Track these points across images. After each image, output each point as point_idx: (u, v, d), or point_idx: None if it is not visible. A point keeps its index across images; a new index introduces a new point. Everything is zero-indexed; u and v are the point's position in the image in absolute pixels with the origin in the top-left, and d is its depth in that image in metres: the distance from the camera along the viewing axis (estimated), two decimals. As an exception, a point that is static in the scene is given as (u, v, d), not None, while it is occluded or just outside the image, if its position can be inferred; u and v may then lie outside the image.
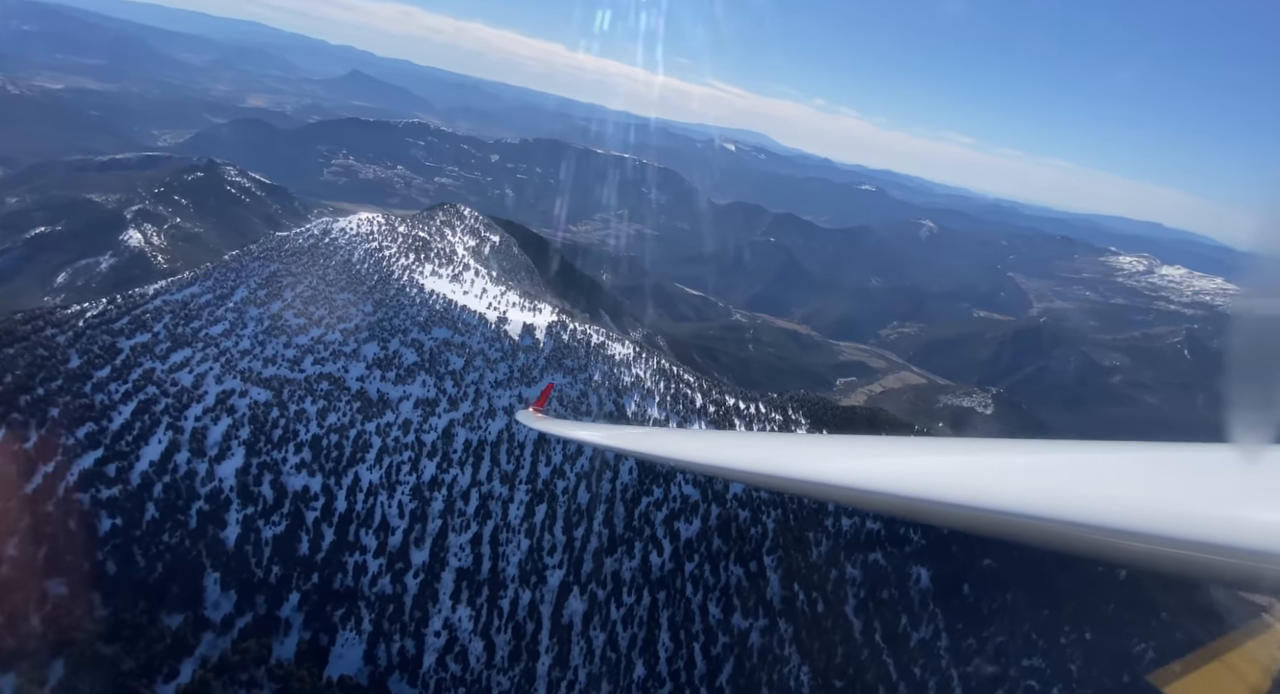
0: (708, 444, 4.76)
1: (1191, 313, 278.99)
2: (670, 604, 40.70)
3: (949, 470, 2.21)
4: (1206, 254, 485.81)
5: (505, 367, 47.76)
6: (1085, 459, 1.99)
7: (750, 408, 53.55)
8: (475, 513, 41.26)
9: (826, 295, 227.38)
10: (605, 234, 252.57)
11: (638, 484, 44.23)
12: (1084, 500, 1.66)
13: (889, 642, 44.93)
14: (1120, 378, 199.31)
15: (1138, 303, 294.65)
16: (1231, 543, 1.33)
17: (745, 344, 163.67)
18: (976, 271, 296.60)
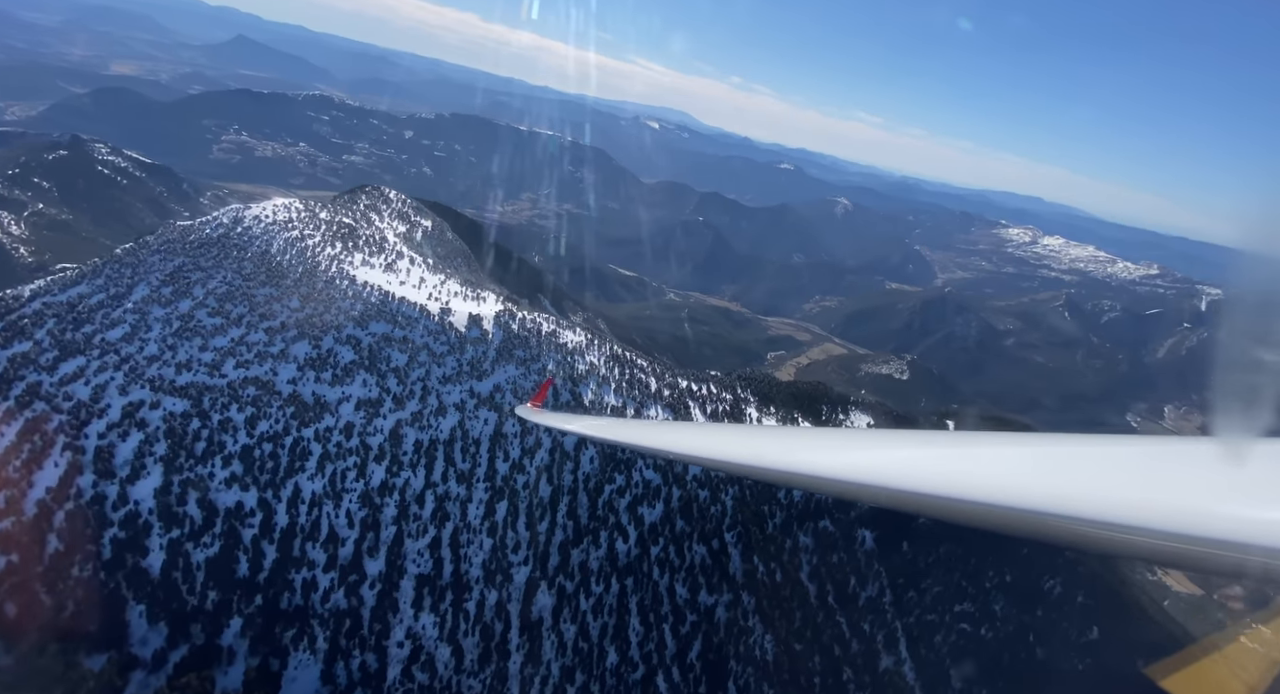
0: (707, 438, 4.77)
1: (1070, 278, 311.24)
2: (639, 589, 41.08)
3: (939, 463, 2.26)
4: (1080, 225, 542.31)
5: (453, 361, 45.54)
6: (1071, 452, 2.05)
7: (702, 389, 54.37)
8: (432, 516, 39.51)
9: (754, 273, 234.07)
10: (534, 214, 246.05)
11: (600, 473, 43.94)
12: (1070, 493, 1.73)
13: (841, 602, 47.80)
14: (1013, 340, 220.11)
15: (1025, 271, 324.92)
16: (1214, 536, 1.39)
17: (681, 323, 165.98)
18: (887, 246, 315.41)
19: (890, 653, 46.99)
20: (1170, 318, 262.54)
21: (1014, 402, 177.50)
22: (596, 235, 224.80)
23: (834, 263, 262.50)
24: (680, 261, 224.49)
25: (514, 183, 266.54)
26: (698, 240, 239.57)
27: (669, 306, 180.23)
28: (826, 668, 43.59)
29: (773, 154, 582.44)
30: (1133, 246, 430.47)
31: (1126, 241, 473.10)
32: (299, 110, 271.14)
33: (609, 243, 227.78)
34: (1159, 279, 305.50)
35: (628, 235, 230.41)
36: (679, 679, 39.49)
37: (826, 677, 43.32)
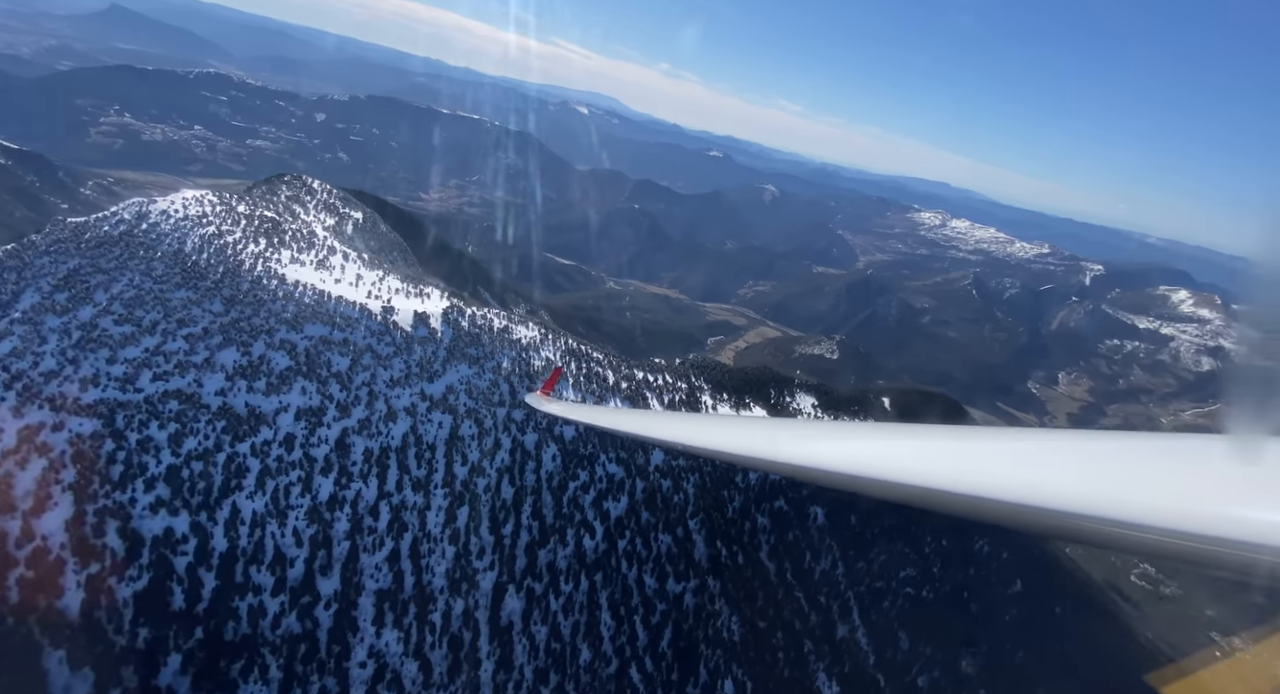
0: (717, 430, 4.77)
1: (975, 258, 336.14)
2: (608, 583, 41.08)
3: (948, 459, 2.25)
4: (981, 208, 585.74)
5: (400, 362, 43.16)
6: (1083, 447, 2.07)
7: (658, 379, 54.61)
8: (389, 528, 37.61)
9: (690, 260, 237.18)
10: (463, 202, 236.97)
11: (563, 471, 43.32)
12: (1081, 489, 1.73)
13: (798, 577, 49.93)
14: (929, 318, 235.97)
15: (936, 252, 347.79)
16: (1223, 536, 1.39)
17: (623, 312, 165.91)
18: (812, 231, 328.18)
19: (845, 622, 49.68)
20: (1060, 293, 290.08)
21: (932, 375, 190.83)
22: (532, 224, 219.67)
23: (765, 248, 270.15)
24: (618, 250, 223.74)
25: (441, 170, 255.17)
26: (634, 228, 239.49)
27: (610, 295, 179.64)
28: (789, 642, 45.51)
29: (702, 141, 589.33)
30: (1026, 227, 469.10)
31: (1021, 223, 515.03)
32: (191, 89, 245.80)
33: (545, 231, 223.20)
34: (1050, 257, 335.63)
35: (564, 223, 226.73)
36: (652, 669, 40.00)
37: (789, 650, 45.24)
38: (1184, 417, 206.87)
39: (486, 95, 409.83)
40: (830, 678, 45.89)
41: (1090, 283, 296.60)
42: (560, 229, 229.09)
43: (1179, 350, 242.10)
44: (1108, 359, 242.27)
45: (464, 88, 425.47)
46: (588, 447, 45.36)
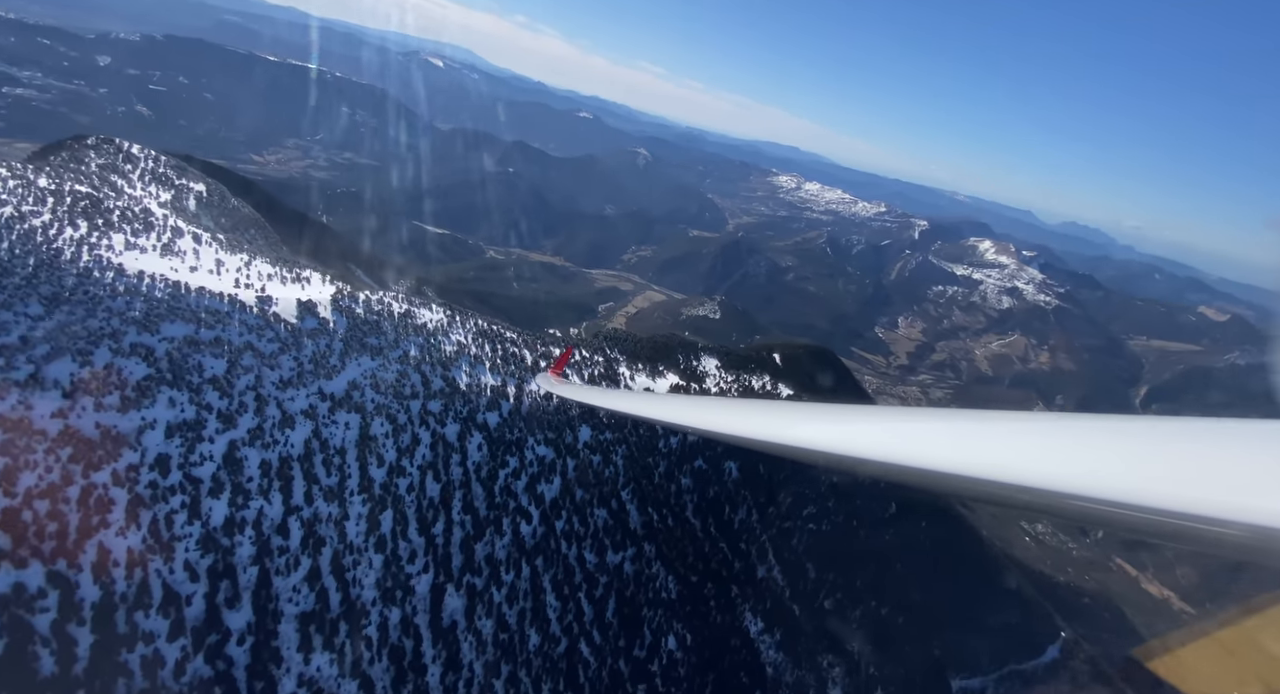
0: (733, 414, 4.83)
1: (827, 218, 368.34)
2: (549, 566, 40.86)
3: (984, 444, 2.22)
4: (829, 171, 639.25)
5: (289, 360, 37.91)
6: (1113, 430, 2.03)
7: (575, 354, 53.75)
8: (303, 545, 33.88)
9: (571, 226, 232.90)
10: (307, 165, 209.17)
11: (491, 460, 41.59)
12: (1131, 477, 1.68)
13: (720, 530, 53.38)
14: (792, 275, 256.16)
15: (794, 214, 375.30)
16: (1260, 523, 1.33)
17: (509, 282, 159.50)
18: (684, 195, 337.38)
19: (763, 563, 54.32)
20: (896, 247, 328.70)
21: (798, 327, 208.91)
22: (394, 190, 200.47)
23: (642, 213, 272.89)
24: (495, 217, 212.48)
25: (273, 127, 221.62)
26: (510, 193, 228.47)
27: (492, 266, 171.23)
28: (719, 590, 48.86)
29: (569, 101, 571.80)
30: (866, 188, 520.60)
31: (861, 184, 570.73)
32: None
33: (411, 198, 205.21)
34: (887, 216, 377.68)
35: (432, 189, 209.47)
36: (600, 640, 40.94)
37: (719, 598, 48.64)
38: (992, 347, 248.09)
39: (318, 41, 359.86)
40: (755, 616, 50.27)
41: (919, 237, 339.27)
42: (428, 195, 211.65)
43: (986, 292, 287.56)
44: (934, 303, 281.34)
45: (289, 31, 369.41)
46: (514, 431, 43.92)
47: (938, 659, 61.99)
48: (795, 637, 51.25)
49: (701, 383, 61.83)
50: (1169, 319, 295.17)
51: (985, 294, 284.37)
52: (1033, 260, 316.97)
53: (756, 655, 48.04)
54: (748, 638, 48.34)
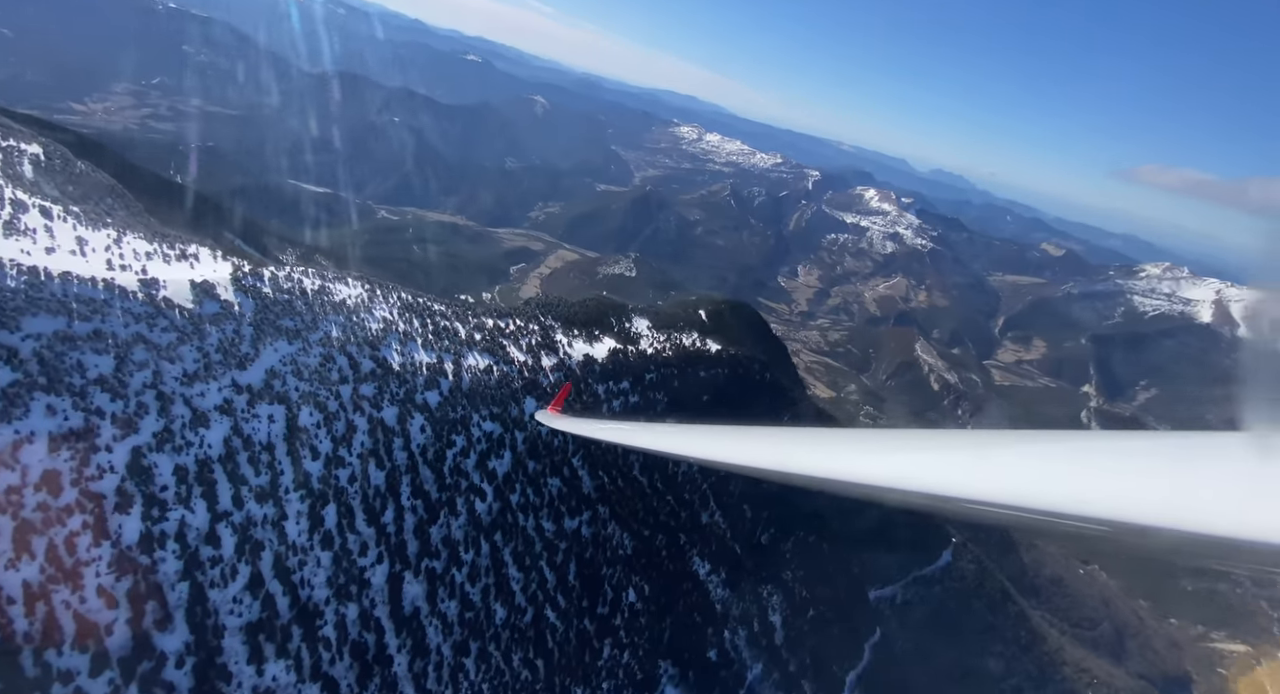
0: (743, 444, 4.81)
1: (728, 170, 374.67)
2: (509, 539, 40.51)
3: (977, 466, 2.29)
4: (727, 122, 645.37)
5: (191, 351, 33.21)
6: (1101, 449, 2.09)
7: (509, 325, 51.62)
8: (237, 552, 31.00)
9: (470, 182, 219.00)
10: (146, 116, 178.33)
11: (436, 440, 39.73)
12: (1106, 494, 1.72)
13: (666, 483, 55.34)
14: (701, 229, 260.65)
15: (698, 166, 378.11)
16: (1252, 538, 1.40)
17: (409, 245, 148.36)
18: (588, 147, 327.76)
19: (705, 509, 57.29)
20: (793, 198, 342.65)
21: (709, 280, 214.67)
22: (259, 144, 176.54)
23: (546, 167, 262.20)
24: (383, 173, 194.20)
25: (96, 69, 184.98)
26: (397, 146, 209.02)
27: (388, 227, 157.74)
28: (669, 541, 51.14)
29: (453, 42, 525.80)
30: (762, 139, 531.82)
31: (757, 135, 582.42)
32: None
33: (280, 153, 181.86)
34: (783, 167, 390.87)
35: (304, 142, 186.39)
36: (565, 604, 41.71)
37: (670, 547, 50.98)
38: (879, 289, 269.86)
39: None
40: (702, 559, 53.37)
41: (812, 187, 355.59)
42: (301, 150, 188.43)
43: (872, 238, 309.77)
44: (828, 251, 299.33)
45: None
46: (457, 409, 42.08)
47: (856, 576, 69.64)
48: (738, 573, 55.16)
49: (636, 345, 62.25)
50: (1019, 256, 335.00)
51: (872, 240, 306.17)
52: (910, 207, 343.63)
53: (707, 595, 51.33)
54: (698, 581, 51.39)
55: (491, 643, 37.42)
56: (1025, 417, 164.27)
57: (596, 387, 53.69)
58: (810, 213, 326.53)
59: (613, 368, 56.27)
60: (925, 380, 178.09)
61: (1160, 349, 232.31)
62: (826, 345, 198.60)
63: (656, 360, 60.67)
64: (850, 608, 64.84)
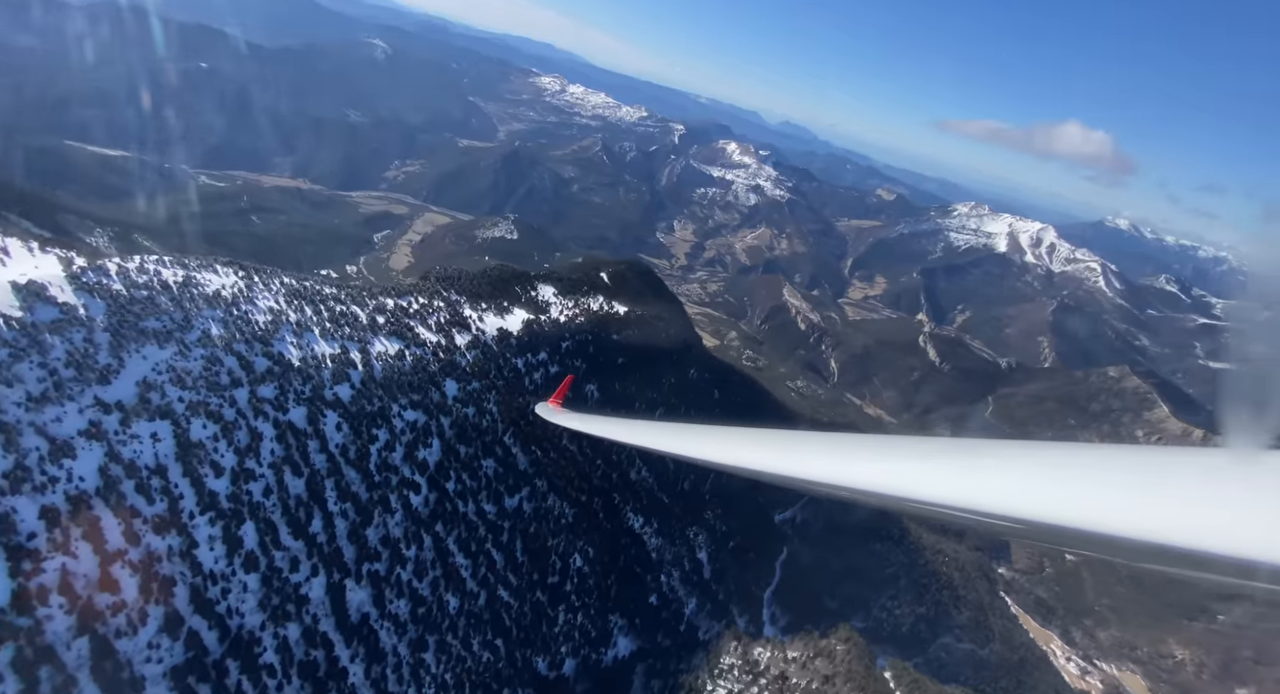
0: (742, 446, 4.78)
1: (596, 124, 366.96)
2: (451, 528, 39.16)
3: (976, 475, 2.33)
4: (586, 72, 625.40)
5: (32, 368, 26.79)
6: (1090, 461, 2.16)
7: (411, 304, 47.56)
8: (143, 593, 26.99)
9: (308, 140, 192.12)
10: None
11: (356, 437, 36.59)
12: (1087, 504, 1.81)
13: (594, 449, 56.13)
14: (577, 186, 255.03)
15: (564, 119, 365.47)
16: (1230, 552, 1.43)
17: (247, 216, 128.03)
18: (443, 98, 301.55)
19: (632, 467, 59.33)
20: (662, 152, 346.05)
21: (591, 239, 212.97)
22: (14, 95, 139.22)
23: (397, 120, 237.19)
24: (195, 131, 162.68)
25: None
26: (208, 97, 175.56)
27: (215, 196, 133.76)
28: (604, 503, 52.53)
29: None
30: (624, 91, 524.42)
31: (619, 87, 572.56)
32: None
33: (43, 108, 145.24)
34: (649, 120, 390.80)
35: (80, 93, 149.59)
36: (516, 581, 41.67)
37: (606, 508, 52.44)
38: (747, 240, 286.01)
39: None
40: (635, 513, 55.69)
41: (678, 141, 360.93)
42: (71, 102, 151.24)
43: (737, 191, 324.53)
44: (699, 205, 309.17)
45: None
46: (373, 401, 38.87)
47: (762, 504, 76.88)
48: (668, 520, 58.45)
49: (546, 312, 60.96)
50: (859, 201, 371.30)
51: (737, 193, 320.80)
52: (767, 159, 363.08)
53: (644, 546, 53.97)
54: (634, 534, 53.73)
55: (449, 633, 36.63)
56: (876, 347, 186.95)
57: (515, 361, 52.23)
58: (680, 168, 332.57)
59: (529, 340, 54.92)
60: (793, 322, 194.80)
61: (970, 277, 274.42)
62: (706, 296, 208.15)
63: (570, 328, 60.13)
64: (760, 534, 71.80)
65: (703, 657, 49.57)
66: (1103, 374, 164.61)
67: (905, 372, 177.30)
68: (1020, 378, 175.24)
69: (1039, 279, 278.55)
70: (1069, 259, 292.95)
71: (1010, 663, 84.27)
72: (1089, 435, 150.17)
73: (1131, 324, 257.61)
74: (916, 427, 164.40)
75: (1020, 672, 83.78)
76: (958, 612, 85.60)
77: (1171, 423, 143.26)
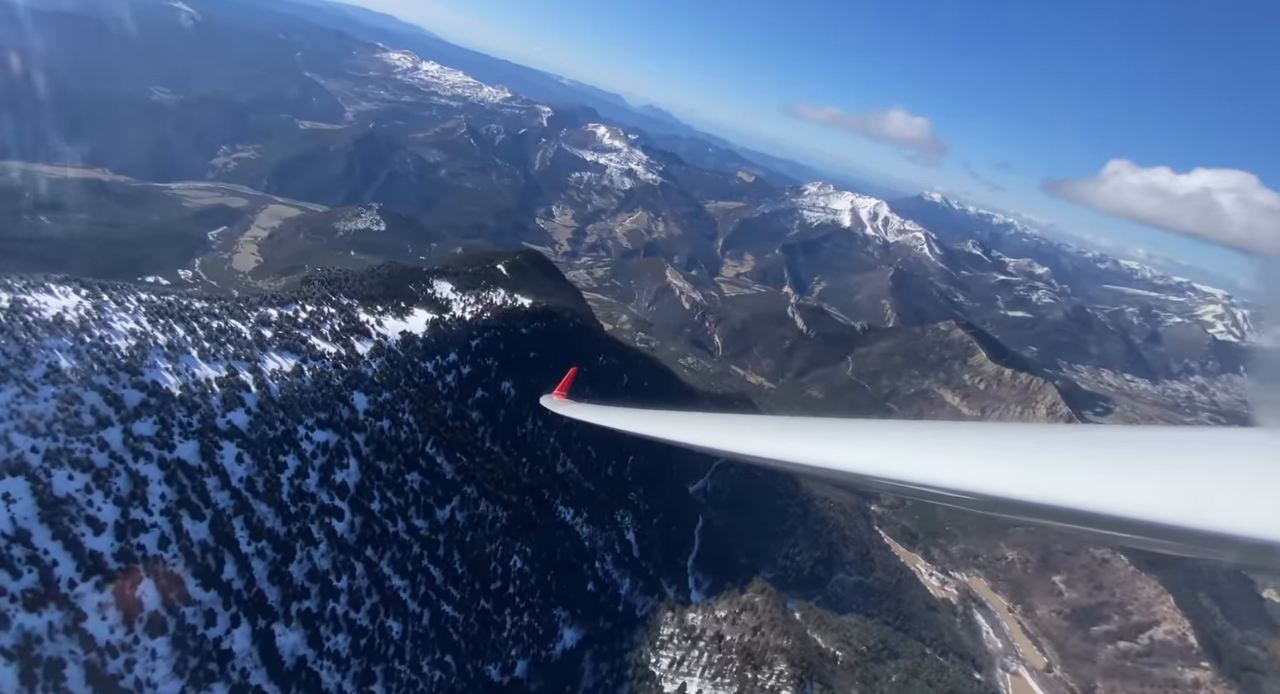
0: (753, 433, 4.70)
1: (456, 105, 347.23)
2: (382, 551, 36.70)
3: (990, 459, 2.29)
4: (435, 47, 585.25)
5: None
6: (1119, 442, 2.13)
7: (298, 312, 42.32)
8: (23, 682, 22.61)
9: (104, 121, 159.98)
10: None
11: (261, 467, 32.70)
12: (1111, 487, 1.75)
13: (516, 444, 55.05)
14: (445, 171, 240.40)
15: (421, 99, 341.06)
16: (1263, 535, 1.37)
17: (34, 216, 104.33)
18: (276, 74, 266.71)
19: (557, 460, 59.09)
20: (532, 136, 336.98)
21: (468, 228, 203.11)
22: None
23: (220, 99, 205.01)
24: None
25: None
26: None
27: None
28: (535, 499, 51.95)
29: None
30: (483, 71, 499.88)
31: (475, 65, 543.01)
32: None
33: None
34: (514, 102, 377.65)
35: None
36: (459, 594, 40.20)
37: (537, 504, 51.93)
38: (626, 224, 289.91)
39: None
40: (566, 506, 55.72)
41: (547, 124, 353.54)
42: None
43: (612, 175, 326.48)
44: (576, 189, 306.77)
45: None
46: (276, 425, 34.88)
47: (677, 477, 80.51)
48: (596, 508, 59.23)
49: (449, 310, 57.83)
50: (723, 184, 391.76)
51: (612, 178, 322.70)
52: (636, 143, 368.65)
53: (577, 537, 54.35)
54: (567, 527, 53.88)
55: (396, 660, 34.65)
56: (752, 320, 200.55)
57: (424, 365, 49.26)
58: (552, 151, 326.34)
59: (436, 341, 51.93)
60: (678, 302, 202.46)
61: (823, 250, 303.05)
62: (594, 282, 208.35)
63: (477, 325, 57.69)
64: (679, 506, 75.33)
65: (643, 632, 51.64)
66: (935, 328, 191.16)
67: (779, 341, 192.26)
68: (872, 338, 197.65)
69: (878, 249, 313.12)
70: (900, 230, 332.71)
71: (889, 586, 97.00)
72: (929, 382, 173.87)
73: (950, 284, 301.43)
74: (792, 389, 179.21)
75: (898, 592, 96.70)
76: (846, 550, 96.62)
77: (989, 365, 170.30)
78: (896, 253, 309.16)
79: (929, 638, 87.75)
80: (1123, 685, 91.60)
